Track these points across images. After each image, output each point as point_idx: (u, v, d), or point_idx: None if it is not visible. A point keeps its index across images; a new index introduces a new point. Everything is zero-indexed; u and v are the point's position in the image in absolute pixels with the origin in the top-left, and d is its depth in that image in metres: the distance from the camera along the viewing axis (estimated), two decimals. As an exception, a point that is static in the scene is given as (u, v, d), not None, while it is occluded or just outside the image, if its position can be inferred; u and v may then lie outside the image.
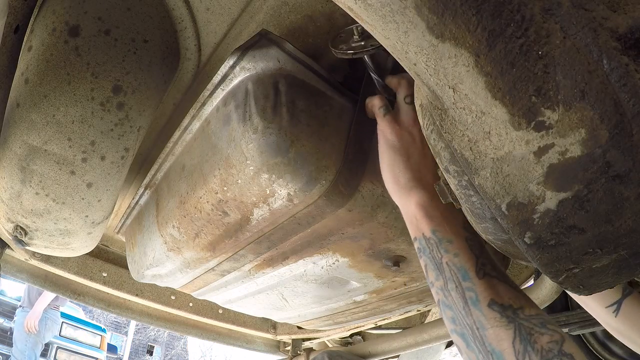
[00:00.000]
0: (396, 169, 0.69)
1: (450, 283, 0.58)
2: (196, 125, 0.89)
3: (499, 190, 0.43)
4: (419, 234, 0.64)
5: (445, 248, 0.60)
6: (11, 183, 0.86)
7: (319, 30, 0.85)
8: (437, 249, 0.61)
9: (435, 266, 0.61)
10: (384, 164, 0.71)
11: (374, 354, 1.84)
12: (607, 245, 0.40)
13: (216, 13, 0.85)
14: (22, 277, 1.58)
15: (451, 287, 0.58)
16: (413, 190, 0.67)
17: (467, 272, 0.57)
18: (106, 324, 12.35)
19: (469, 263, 0.58)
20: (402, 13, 0.41)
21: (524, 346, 0.49)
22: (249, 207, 0.81)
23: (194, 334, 2.05)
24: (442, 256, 0.60)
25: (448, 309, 0.59)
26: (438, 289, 0.60)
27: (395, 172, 0.69)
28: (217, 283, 1.20)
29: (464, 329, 0.56)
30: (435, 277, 0.60)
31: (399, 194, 0.69)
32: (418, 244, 0.65)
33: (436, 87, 0.44)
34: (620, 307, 0.90)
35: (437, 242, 0.61)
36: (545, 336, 0.49)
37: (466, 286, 0.57)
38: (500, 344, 0.51)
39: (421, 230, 0.64)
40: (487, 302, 0.54)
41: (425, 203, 0.65)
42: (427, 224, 0.63)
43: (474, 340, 0.54)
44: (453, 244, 0.60)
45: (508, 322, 0.52)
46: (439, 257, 0.60)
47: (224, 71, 0.76)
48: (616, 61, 0.33)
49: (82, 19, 0.73)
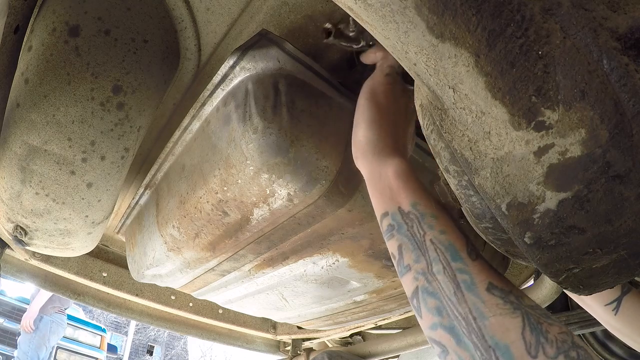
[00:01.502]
0: (377, 130, 0.61)
1: (435, 264, 0.48)
2: (196, 125, 0.89)
3: (499, 190, 0.43)
4: (392, 208, 0.55)
5: (429, 224, 0.51)
6: (11, 183, 0.86)
7: (319, 30, 0.85)
8: (418, 225, 0.51)
9: (416, 245, 0.51)
10: (362, 120, 0.63)
11: (374, 354, 1.84)
12: (607, 245, 0.40)
13: (216, 13, 0.85)
14: (22, 277, 1.58)
15: (437, 270, 0.48)
16: (391, 156, 0.59)
17: (458, 252, 0.48)
18: (106, 324, 12.35)
19: (459, 242, 0.49)
20: (402, 13, 0.41)
21: (535, 337, 0.41)
22: (249, 207, 0.81)
23: (194, 334, 2.05)
24: (425, 233, 0.50)
25: (432, 298, 0.48)
26: (418, 273, 0.50)
27: (375, 132, 0.61)
28: (217, 283, 1.20)
29: (454, 320, 0.46)
30: (415, 259, 0.50)
31: (372, 158, 0.60)
32: (390, 219, 0.54)
33: (436, 87, 0.44)
34: (620, 305, 0.90)
35: (419, 216, 0.52)
36: (555, 327, 0.42)
37: (457, 267, 0.47)
38: (507, 335, 0.42)
39: (397, 203, 0.54)
40: (485, 285, 0.45)
41: (405, 172, 0.57)
42: (406, 195, 0.54)
43: (470, 333, 0.44)
44: (438, 220, 0.51)
45: (514, 309, 0.43)
46: (420, 234, 0.51)
47: (224, 71, 0.76)
48: (616, 61, 0.33)
49: (82, 19, 0.73)
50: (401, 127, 0.64)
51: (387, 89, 0.65)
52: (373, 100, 0.64)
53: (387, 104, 0.64)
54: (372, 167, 0.60)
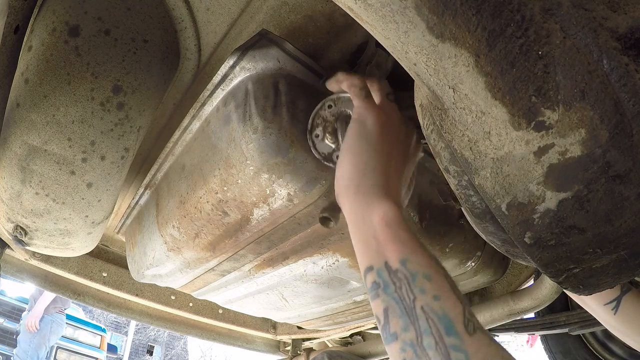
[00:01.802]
0: (365, 165, 0.53)
1: (426, 337, 0.41)
2: (196, 125, 0.89)
3: (499, 190, 0.43)
4: (378, 263, 0.47)
5: (421, 287, 0.43)
6: (11, 183, 0.86)
7: (319, 30, 0.85)
8: (407, 287, 0.44)
9: (404, 311, 0.43)
10: (349, 153, 0.55)
11: (374, 354, 1.84)
12: (607, 245, 0.40)
13: (216, 13, 0.85)
14: (22, 277, 1.58)
15: (428, 344, 0.41)
16: (378, 199, 0.51)
17: (453, 324, 0.41)
18: (106, 324, 12.35)
19: (454, 311, 0.42)
20: (402, 13, 0.41)
21: None
22: (249, 207, 0.81)
23: (194, 334, 2.05)
24: (416, 297, 0.43)
25: None
26: (406, 344, 0.42)
27: (362, 168, 0.53)
28: (217, 283, 1.20)
29: None
30: (403, 327, 0.43)
31: (356, 199, 0.52)
32: (375, 276, 0.47)
33: (436, 87, 0.44)
34: (619, 305, 0.90)
35: (409, 276, 0.44)
36: None
37: (451, 344, 0.40)
38: None
39: (384, 258, 0.47)
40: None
41: (394, 219, 0.49)
42: (395, 249, 0.46)
43: None
44: (432, 282, 0.44)
45: None
46: (410, 299, 0.43)
47: (224, 71, 0.76)
48: (616, 61, 0.33)
49: (82, 19, 0.73)
50: (395, 165, 0.55)
51: (380, 118, 0.57)
52: (362, 129, 0.56)
53: (379, 136, 0.55)
54: (354, 210, 0.52)
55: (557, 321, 1.70)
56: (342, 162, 0.56)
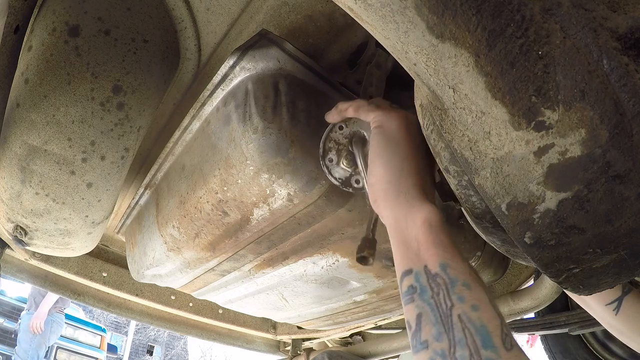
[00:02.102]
0: (400, 167, 0.52)
1: (460, 348, 0.38)
2: (196, 125, 0.89)
3: (499, 190, 0.43)
4: (417, 265, 0.45)
5: (460, 294, 0.41)
6: (11, 183, 0.86)
7: (319, 30, 0.85)
8: (445, 293, 0.42)
9: (439, 318, 0.41)
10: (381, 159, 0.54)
11: (374, 354, 1.83)
12: (607, 245, 0.40)
13: (216, 13, 0.85)
14: (22, 277, 1.58)
15: (461, 356, 0.38)
16: (419, 202, 0.50)
17: (491, 337, 0.38)
18: (106, 324, 12.35)
19: (492, 323, 0.39)
20: (402, 13, 0.41)
21: None
22: (249, 207, 0.81)
23: (194, 334, 2.05)
24: (454, 305, 0.41)
25: None
26: (437, 354, 0.40)
27: (398, 171, 0.52)
28: (217, 283, 1.20)
29: None
30: (436, 336, 0.40)
31: (397, 202, 0.51)
32: (413, 279, 0.45)
33: (436, 87, 0.44)
34: (620, 305, 0.90)
35: (449, 282, 0.42)
36: None
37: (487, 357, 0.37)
38: None
39: (423, 261, 0.45)
40: None
41: (436, 222, 0.47)
42: (435, 253, 0.45)
43: None
44: (472, 291, 0.41)
45: None
46: (447, 306, 0.41)
47: (224, 71, 0.76)
48: (616, 61, 0.33)
49: (82, 19, 0.73)
50: (425, 166, 0.54)
51: (400, 120, 0.56)
52: (387, 135, 0.55)
53: (406, 138, 0.54)
54: (396, 213, 0.50)
55: (557, 321, 1.70)
56: (375, 169, 0.55)
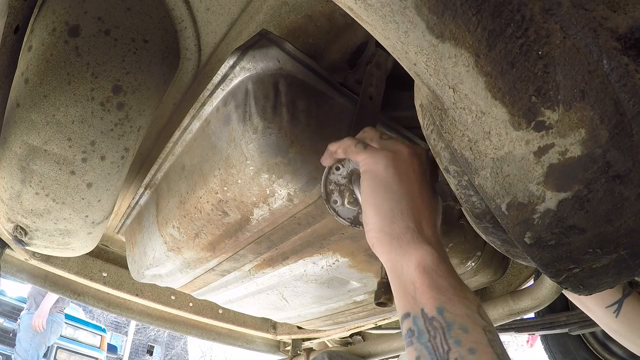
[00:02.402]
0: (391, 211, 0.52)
1: None
2: (196, 125, 0.89)
3: (499, 190, 0.43)
4: (414, 309, 0.46)
5: (457, 338, 0.42)
6: (11, 183, 0.86)
7: (319, 30, 0.85)
8: (442, 337, 0.42)
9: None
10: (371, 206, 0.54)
11: (374, 354, 1.83)
12: (607, 245, 0.40)
13: (216, 13, 0.85)
14: (22, 277, 1.58)
15: None
16: (413, 243, 0.50)
17: None
18: (106, 324, 12.35)
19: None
20: (402, 13, 0.41)
21: None
22: (249, 207, 0.82)
23: (194, 334, 2.05)
24: (450, 349, 0.41)
25: None
26: None
27: (389, 215, 0.52)
28: (217, 283, 1.20)
29: None
30: None
31: (391, 248, 0.51)
32: (411, 323, 0.45)
33: (436, 87, 0.44)
34: (621, 307, 0.90)
35: (445, 326, 0.43)
36: None
37: None
38: None
39: (420, 305, 0.45)
40: None
41: (431, 265, 0.47)
42: (431, 296, 0.45)
43: None
44: (469, 333, 0.42)
45: None
46: (443, 350, 0.42)
47: (224, 71, 0.76)
48: (616, 61, 0.33)
49: (82, 19, 0.73)
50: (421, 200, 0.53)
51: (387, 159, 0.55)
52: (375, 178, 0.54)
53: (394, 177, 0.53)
54: (392, 258, 0.51)
55: (557, 321, 1.70)
56: (367, 216, 0.54)
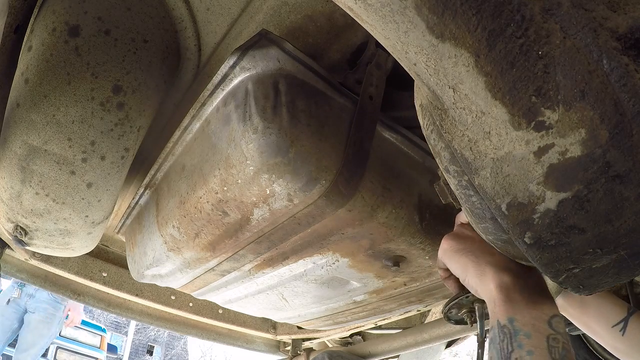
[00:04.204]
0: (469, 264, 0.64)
1: None
2: (196, 125, 0.89)
3: (499, 190, 0.43)
4: (494, 321, 0.57)
5: (520, 342, 0.51)
6: (11, 183, 0.86)
7: (319, 30, 0.85)
8: (509, 341, 0.52)
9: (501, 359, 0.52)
10: (457, 270, 0.66)
11: (374, 354, 1.83)
12: (607, 245, 0.40)
13: (216, 13, 0.85)
14: (22, 277, 1.58)
15: None
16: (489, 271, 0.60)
17: None
18: (106, 324, 12.34)
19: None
20: (402, 13, 0.40)
21: None
22: (249, 207, 0.81)
23: (194, 334, 2.05)
24: (513, 350, 0.51)
25: None
26: None
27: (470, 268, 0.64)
28: (217, 283, 1.20)
29: None
30: None
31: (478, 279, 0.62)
32: (491, 333, 0.57)
33: (436, 87, 0.44)
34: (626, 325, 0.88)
35: (512, 332, 0.53)
36: None
37: None
38: None
39: (496, 317, 0.56)
40: None
41: (507, 284, 0.57)
42: (505, 309, 0.55)
43: None
44: (531, 339, 0.51)
45: None
46: (507, 350, 0.52)
47: (224, 71, 0.76)
48: (616, 61, 0.33)
49: (82, 19, 0.73)
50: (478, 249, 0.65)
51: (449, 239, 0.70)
52: (450, 253, 0.67)
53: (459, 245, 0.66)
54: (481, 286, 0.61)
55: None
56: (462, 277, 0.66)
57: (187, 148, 0.94)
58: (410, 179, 0.87)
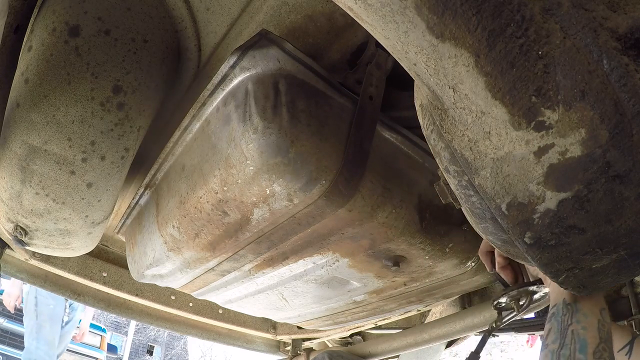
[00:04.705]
0: None
1: (565, 349, 0.61)
2: (196, 125, 0.89)
3: (499, 190, 0.43)
4: (559, 300, 0.68)
5: (578, 318, 0.64)
6: (11, 183, 0.86)
7: (319, 30, 0.85)
8: (569, 316, 0.65)
9: (559, 330, 0.64)
10: None
11: (374, 354, 1.83)
12: (607, 245, 0.40)
13: (216, 13, 0.85)
14: (22, 277, 1.58)
15: (564, 353, 0.61)
16: None
17: (586, 347, 0.60)
18: (106, 324, 12.34)
19: (592, 340, 0.61)
20: (402, 13, 0.40)
21: None
22: (249, 207, 0.81)
23: (194, 334, 2.05)
24: (571, 323, 0.63)
25: None
26: (550, 351, 0.63)
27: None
28: (217, 283, 1.20)
29: None
30: (553, 340, 0.64)
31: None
32: (555, 309, 0.68)
33: (436, 87, 0.44)
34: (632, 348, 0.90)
35: (574, 310, 0.65)
36: None
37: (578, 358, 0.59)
38: None
39: (563, 296, 0.68)
40: None
41: None
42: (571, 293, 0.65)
43: None
44: (587, 318, 0.64)
45: None
46: (566, 323, 0.64)
47: (224, 71, 0.76)
48: (616, 61, 0.33)
49: (82, 19, 0.73)
50: None
51: None
52: None
53: None
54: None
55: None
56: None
57: (187, 148, 0.94)
58: (410, 179, 0.87)
